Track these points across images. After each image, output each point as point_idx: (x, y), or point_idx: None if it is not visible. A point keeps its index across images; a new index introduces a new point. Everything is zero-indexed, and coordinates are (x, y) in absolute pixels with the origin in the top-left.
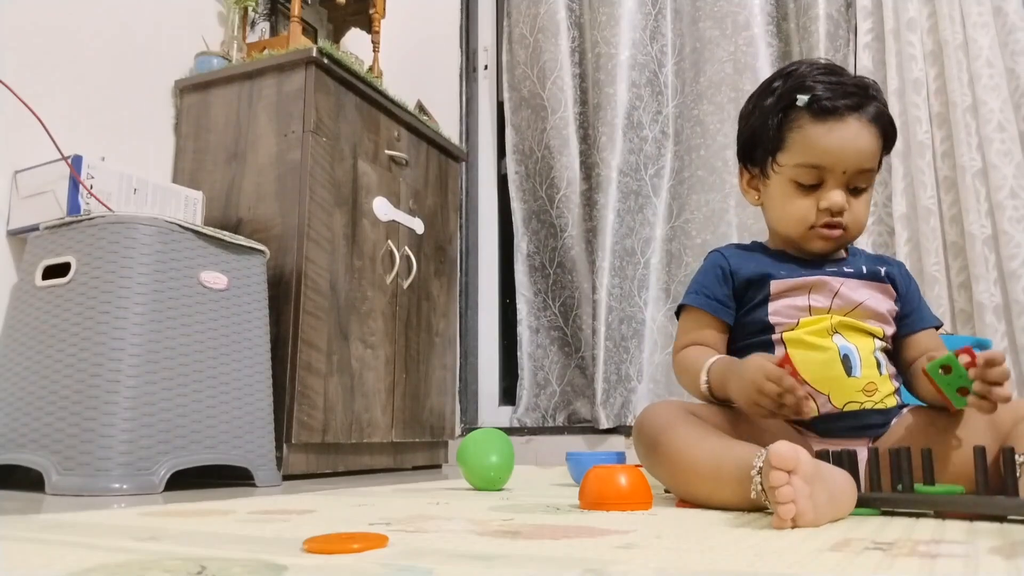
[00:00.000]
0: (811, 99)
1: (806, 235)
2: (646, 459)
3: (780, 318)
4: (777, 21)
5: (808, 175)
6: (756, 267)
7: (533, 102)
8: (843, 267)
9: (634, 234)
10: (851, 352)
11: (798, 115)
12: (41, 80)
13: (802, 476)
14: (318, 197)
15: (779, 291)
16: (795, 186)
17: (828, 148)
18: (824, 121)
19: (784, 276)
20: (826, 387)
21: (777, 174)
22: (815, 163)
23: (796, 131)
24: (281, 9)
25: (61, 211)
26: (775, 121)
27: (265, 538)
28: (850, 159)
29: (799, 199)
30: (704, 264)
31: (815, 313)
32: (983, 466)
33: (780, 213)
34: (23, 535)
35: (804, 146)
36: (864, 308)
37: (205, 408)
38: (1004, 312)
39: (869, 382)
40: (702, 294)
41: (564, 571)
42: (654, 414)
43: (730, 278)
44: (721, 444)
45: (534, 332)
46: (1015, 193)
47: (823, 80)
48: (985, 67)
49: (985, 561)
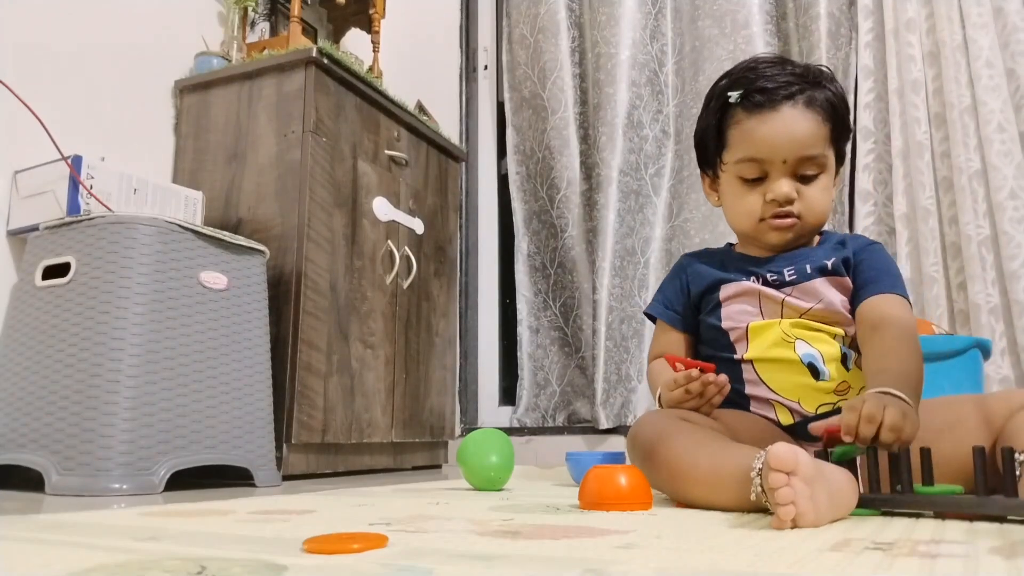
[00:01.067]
0: (742, 94)
1: (759, 228)
2: (643, 468)
3: (732, 323)
4: (776, 20)
5: (750, 169)
6: (710, 274)
7: (534, 102)
8: (804, 263)
9: (634, 234)
10: (815, 358)
11: (734, 112)
12: (41, 80)
13: (802, 477)
14: (318, 197)
15: (728, 296)
16: (741, 182)
17: (763, 139)
18: (758, 114)
19: (732, 281)
20: (795, 395)
21: (725, 173)
22: (753, 156)
23: (734, 128)
24: (281, 9)
25: (61, 211)
26: (715, 121)
27: (265, 538)
28: (786, 148)
29: (747, 194)
30: (671, 271)
31: (767, 316)
32: (983, 466)
33: (732, 211)
34: (23, 535)
35: (742, 141)
36: (819, 310)
37: (205, 408)
38: (1004, 313)
39: (840, 382)
40: (661, 304)
41: (564, 571)
42: (648, 424)
43: (687, 288)
44: (718, 448)
45: (534, 332)
46: (1015, 194)
47: (763, 73)
48: (985, 68)
49: (985, 561)
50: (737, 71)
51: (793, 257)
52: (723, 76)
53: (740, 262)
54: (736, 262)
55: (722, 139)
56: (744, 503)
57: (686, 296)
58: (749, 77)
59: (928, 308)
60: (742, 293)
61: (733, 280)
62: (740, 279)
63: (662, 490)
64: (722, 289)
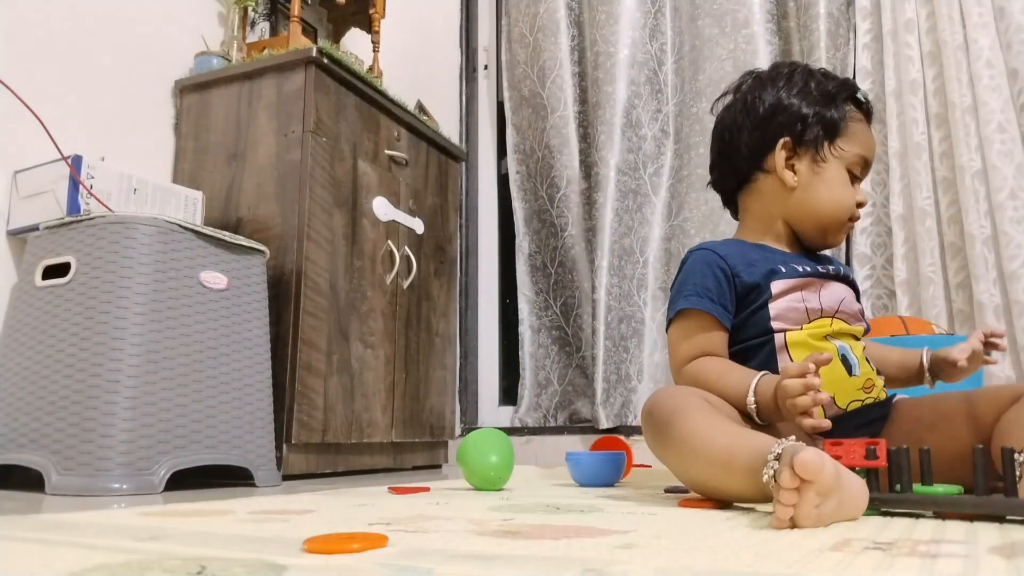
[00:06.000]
0: (867, 99)
1: (843, 224)
2: (655, 442)
3: (781, 322)
4: (777, 19)
5: (859, 166)
6: (754, 266)
7: (533, 101)
8: (827, 266)
9: (633, 233)
10: (847, 351)
11: (853, 109)
12: (41, 80)
13: (817, 489)
14: (318, 197)
15: (779, 292)
16: (848, 174)
17: (871, 146)
18: (867, 122)
19: (784, 275)
20: (831, 389)
21: (836, 159)
22: (867, 156)
23: (855, 123)
24: (281, 9)
25: (61, 211)
26: (840, 109)
27: (265, 538)
28: (872, 162)
29: (849, 188)
30: (694, 264)
31: (811, 315)
32: (983, 466)
33: (830, 196)
34: (23, 535)
35: (862, 138)
36: (845, 309)
37: (205, 408)
38: (1004, 313)
39: (867, 379)
40: (706, 297)
41: (564, 571)
42: (668, 395)
43: (732, 280)
44: (737, 431)
45: (535, 332)
46: (1015, 194)
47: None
48: (986, 68)
49: (985, 561)
50: (841, 78)
51: (819, 258)
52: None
53: (782, 256)
54: (779, 255)
55: (840, 127)
56: (754, 490)
57: (732, 290)
58: (856, 85)
59: (925, 308)
60: (794, 288)
61: (785, 275)
62: (793, 273)
63: (671, 467)
64: (774, 285)
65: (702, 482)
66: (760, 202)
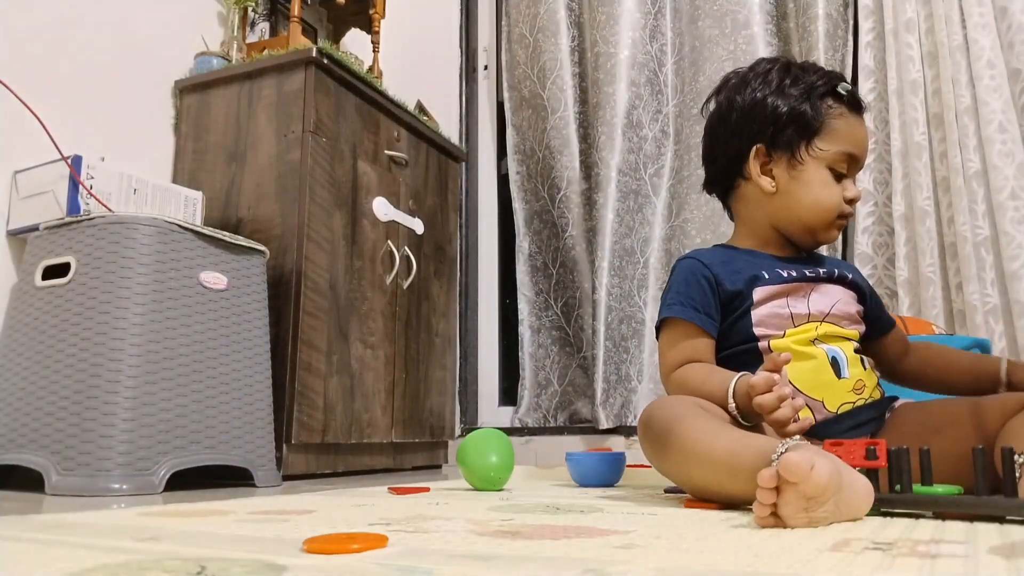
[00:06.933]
0: (849, 91)
1: (831, 224)
2: (655, 452)
3: (764, 329)
4: (776, 20)
5: (844, 163)
6: (738, 273)
7: (534, 102)
8: (820, 268)
9: (633, 234)
10: (837, 354)
11: (836, 103)
12: (41, 80)
13: (803, 491)
14: (318, 197)
15: (761, 299)
16: (830, 173)
17: (860, 140)
18: (855, 115)
19: (767, 282)
20: (819, 393)
21: (814, 159)
22: (852, 152)
23: (838, 119)
24: (281, 9)
25: (61, 211)
26: (816, 106)
27: (265, 538)
28: (865, 155)
29: (833, 186)
30: (680, 273)
31: (796, 321)
32: (983, 466)
33: (813, 198)
34: (23, 535)
35: (844, 134)
36: (837, 312)
37: (205, 408)
38: (1004, 313)
39: (857, 380)
40: (689, 306)
41: (564, 571)
42: (664, 405)
43: (716, 289)
44: (738, 435)
45: (535, 332)
46: (1015, 194)
47: (846, 80)
48: (986, 68)
49: (985, 561)
50: (809, 65)
51: (814, 260)
52: (779, 64)
53: (766, 260)
54: (763, 260)
55: (816, 126)
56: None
57: (716, 298)
58: (840, 76)
59: (925, 308)
60: (778, 295)
61: (768, 280)
62: (777, 279)
63: (671, 476)
64: (755, 292)
65: (705, 487)
66: (746, 208)
